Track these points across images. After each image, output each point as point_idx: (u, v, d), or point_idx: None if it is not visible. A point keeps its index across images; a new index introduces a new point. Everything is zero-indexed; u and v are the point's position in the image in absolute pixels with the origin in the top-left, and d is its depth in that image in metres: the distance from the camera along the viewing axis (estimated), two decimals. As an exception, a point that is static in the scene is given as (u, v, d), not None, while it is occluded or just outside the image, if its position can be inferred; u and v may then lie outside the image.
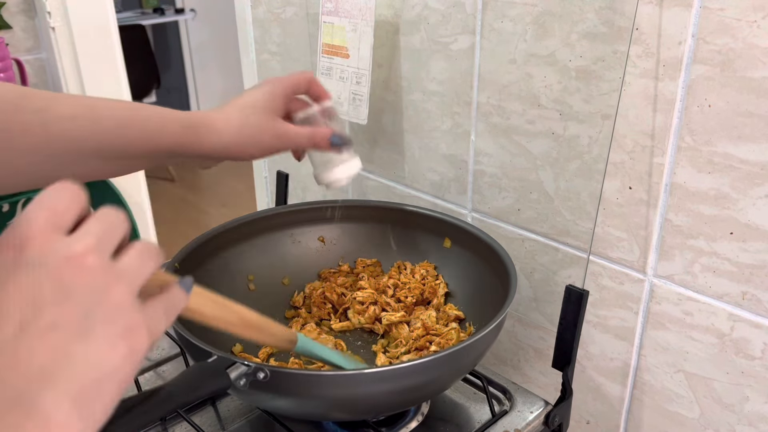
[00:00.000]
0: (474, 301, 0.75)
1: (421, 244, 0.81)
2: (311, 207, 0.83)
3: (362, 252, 0.83)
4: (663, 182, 0.64)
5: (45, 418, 0.27)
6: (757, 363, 0.62)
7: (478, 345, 0.59)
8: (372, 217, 0.83)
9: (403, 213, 0.82)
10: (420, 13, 0.81)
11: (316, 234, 0.84)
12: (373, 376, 0.55)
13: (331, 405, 0.58)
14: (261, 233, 0.81)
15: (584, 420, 0.81)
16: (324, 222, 0.84)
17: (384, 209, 0.83)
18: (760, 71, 0.55)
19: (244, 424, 0.68)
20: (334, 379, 0.55)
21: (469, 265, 0.76)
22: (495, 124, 0.77)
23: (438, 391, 0.68)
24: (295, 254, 0.83)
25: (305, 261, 0.83)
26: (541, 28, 0.68)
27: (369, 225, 0.84)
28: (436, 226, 0.79)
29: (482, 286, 0.74)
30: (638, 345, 0.72)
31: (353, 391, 0.55)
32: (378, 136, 0.93)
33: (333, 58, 0.88)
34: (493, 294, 0.68)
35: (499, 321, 0.59)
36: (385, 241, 0.83)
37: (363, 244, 0.83)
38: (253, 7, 1.08)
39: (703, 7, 0.57)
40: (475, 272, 0.75)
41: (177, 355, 0.79)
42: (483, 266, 0.73)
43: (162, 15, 4.00)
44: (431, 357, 0.54)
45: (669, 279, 0.67)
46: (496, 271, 0.70)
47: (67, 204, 0.32)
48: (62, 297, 0.29)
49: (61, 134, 0.52)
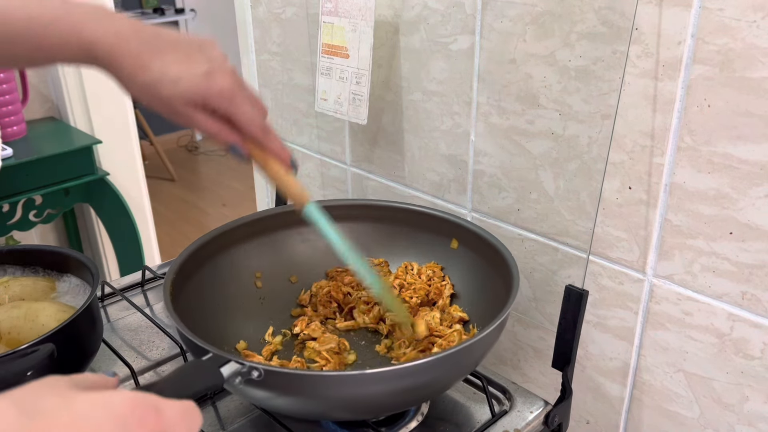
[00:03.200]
0: (477, 302, 0.75)
1: (427, 245, 0.81)
2: (322, 206, 0.83)
3: (370, 252, 0.83)
4: (663, 182, 0.64)
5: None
6: (756, 363, 0.62)
7: (479, 346, 0.59)
8: (380, 217, 0.83)
9: (411, 213, 0.82)
10: (420, 13, 0.81)
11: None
12: (371, 377, 0.54)
13: (329, 405, 0.58)
14: (270, 231, 0.81)
15: (584, 420, 0.81)
16: (333, 221, 0.84)
17: (392, 209, 0.83)
18: (759, 71, 0.55)
19: (244, 424, 0.68)
20: (329, 379, 0.55)
21: (473, 266, 0.76)
22: (495, 124, 0.77)
23: (439, 392, 0.68)
24: (303, 252, 0.83)
25: (313, 259, 0.83)
26: (541, 28, 0.68)
27: (377, 225, 0.84)
28: (444, 226, 0.79)
29: (485, 287, 0.74)
30: (638, 345, 0.72)
31: (348, 392, 0.55)
32: (378, 136, 0.93)
33: (333, 58, 0.88)
34: (496, 295, 0.68)
35: (500, 322, 0.59)
36: (392, 241, 0.83)
37: (371, 243, 0.83)
38: (253, 7, 1.08)
39: (702, 7, 0.57)
40: (478, 273, 0.75)
41: (177, 355, 0.79)
42: (486, 267, 0.74)
43: (162, 15, 4.00)
44: (431, 358, 0.54)
45: (669, 279, 0.67)
46: (499, 272, 0.70)
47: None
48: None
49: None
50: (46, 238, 2.03)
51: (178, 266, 0.68)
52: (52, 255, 0.80)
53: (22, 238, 1.91)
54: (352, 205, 0.84)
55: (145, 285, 0.96)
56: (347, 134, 0.99)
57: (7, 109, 1.65)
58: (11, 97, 1.66)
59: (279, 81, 1.09)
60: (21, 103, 1.71)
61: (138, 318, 0.86)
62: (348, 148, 1.00)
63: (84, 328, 0.69)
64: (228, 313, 0.74)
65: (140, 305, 0.88)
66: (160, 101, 0.57)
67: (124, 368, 0.74)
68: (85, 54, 0.56)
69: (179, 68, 0.56)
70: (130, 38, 0.56)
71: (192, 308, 0.67)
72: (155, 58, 0.56)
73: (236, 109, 0.59)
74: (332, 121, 1.01)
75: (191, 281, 0.71)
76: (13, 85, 1.65)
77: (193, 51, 0.58)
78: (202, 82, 0.57)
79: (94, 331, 0.72)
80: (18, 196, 1.63)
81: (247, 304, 0.77)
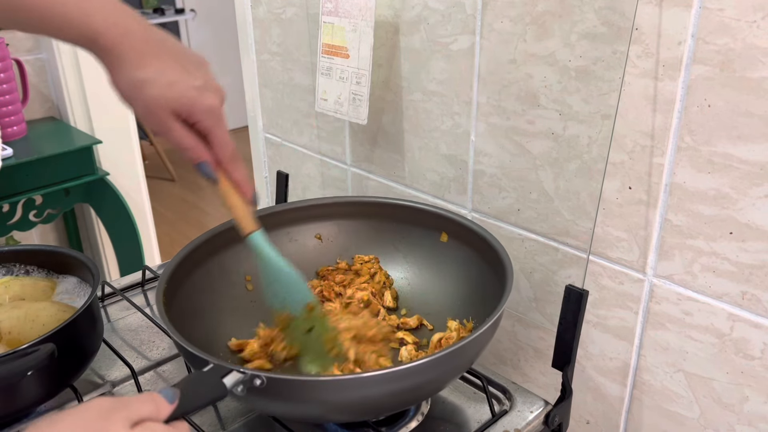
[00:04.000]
0: (473, 298, 0.75)
1: (416, 239, 0.81)
2: (307, 205, 0.83)
3: (359, 248, 0.83)
4: (663, 182, 0.64)
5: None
6: (756, 363, 0.62)
7: (475, 344, 0.59)
8: (367, 213, 0.84)
9: (397, 208, 0.82)
10: (420, 14, 0.81)
11: (313, 232, 0.84)
12: (369, 379, 0.54)
13: (330, 408, 0.58)
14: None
15: (584, 420, 0.81)
16: (320, 219, 0.84)
17: (378, 204, 0.83)
18: (759, 71, 0.55)
19: (244, 424, 0.68)
20: (331, 384, 0.55)
21: (466, 260, 0.76)
22: (495, 124, 0.77)
23: (435, 391, 0.68)
24: (292, 253, 0.82)
25: (303, 259, 0.82)
26: (541, 28, 0.69)
27: (365, 221, 0.84)
28: (434, 221, 0.79)
29: (479, 282, 0.74)
30: (638, 345, 0.72)
31: (350, 395, 0.55)
32: (378, 136, 0.93)
33: (333, 58, 0.88)
34: (490, 290, 0.69)
35: (495, 319, 0.59)
36: (381, 236, 0.83)
37: (360, 239, 0.84)
38: (253, 7, 1.08)
39: (702, 8, 0.57)
40: (472, 268, 0.75)
41: (177, 355, 0.79)
42: (480, 262, 0.73)
43: (162, 15, 4.00)
44: (429, 358, 0.54)
45: (669, 279, 0.67)
46: (492, 266, 0.70)
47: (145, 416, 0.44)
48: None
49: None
50: (46, 238, 2.03)
51: (168, 276, 0.67)
52: (52, 255, 0.80)
53: (22, 238, 1.91)
54: (342, 203, 0.84)
55: (145, 285, 0.96)
56: (347, 134, 0.99)
57: (7, 109, 1.65)
58: (11, 97, 1.65)
59: (279, 81, 1.09)
60: (21, 103, 1.71)
61: (138, 318, 0.86)
62: (348, 148, 1.00)
63: (84, 328, 0.69)
64: (220, 317, 0.74)
65: (140, 305, 0.88)
66: (143, 101, 0.57)
67: (124, 368, 0.74)
68: (88, 41, 0.56)
69: (176, 75, 0.57)
70: (137, 36, 0.56)
71: (185, 314, 0.67)
72: (156, 60, 0.57)
73: (217, 129, 0.60)
74: (332, 121, 1.01)
75: (182, 288, 0.70)
76: (13, 85, 1.65)
77: (192, 65, 0.59)
78: (194, 93, 0.58)
79: (95, 331, 0.72)
80: (18, 196, 1.63)
81: (239, 306, 0.77)
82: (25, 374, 0.60)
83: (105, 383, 0.75)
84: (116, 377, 0.76)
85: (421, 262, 0.82)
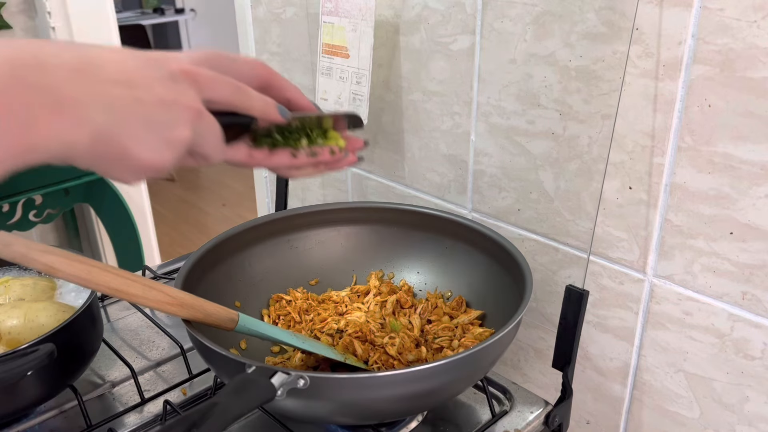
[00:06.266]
0: (486, 302, 0.75)
1: (428, 245, 0.81)
2: (309, 211, 0.82)
3: (368, 255, 0.82)
4: (663, 182, 0.64)
5: None
6: (757, 363, 0.62)
7: (494, 348, 0.58)
8: (380, 220, 0.82)
9: (413, 215, 0.81)
10: (420, 13, 0.81)
11: (314, 239, 0.82)
12: (410, 375, 0.53)
13: (379, 402, 0.56)
14: (261, 240, 0.79)
15: (584, 420, 0.81)
16: (322, 226, 0.83)
17: (393, 211, 0.82)
18: (760, 71, 0.55)
19: (244, 424, 0.68)
20: (381, 379, 0.53)
21: (479, 264, 0.76)
22: (495, 124, 0.77)
23: (454, 395, 0.67)
24: (292, 259, 0.81)
25: (302, 264, 0.82)
26: (541, 28, 0.68)
27: (376, 227, 0.82)
28: (446, 226, 0.78)
29: (495, 286, 0.73)
30: (638, 345, 0.72)
31: (401, 390, 0.54)
32: (378, 136, 0.93)
33: (333, 58, 0.88)
34: (505, 294, 0.68)
35: (515, 324, 0.58)
36: (393, 243, 0.82)
37: (370, 246, 0.82)
38: (253, 7, 1.08)
39: (703, 7, 0.57)
40: (486, 272, 0.75)
41: (177, 355, 0.79)
42: (494, 266, 0.73)
43: (162, 15, 4.00)
44: (449, 359, 0.53)
45: (669, 279, 0.67)
46: (508, 270, 0.69)
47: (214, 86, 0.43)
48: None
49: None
50: (46, 238, 2.03)
51: (184, 276, 0.66)
52: (52, 255, 0.79)
53: (22, 237, 1.91)
54: (353, 208, 0.83)
55: (145, 285, 0.95)
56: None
57: (7, 109, 1.65)
58: (11, 97, 1.65)
59: (279, 81, 1.09)
60: (21, 103, 1.71)
61: (138, 318, 0.86)
62: (348, 148, 1.00)
63: (84, 328, 0.69)
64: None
65: (140, 305, 0.88)
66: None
67: (124, 368, 0.74)
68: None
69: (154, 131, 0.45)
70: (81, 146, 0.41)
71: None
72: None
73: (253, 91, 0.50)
74: (332, 121, 1.01)
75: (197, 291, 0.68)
76: (13, 85, 1.65)
77: (157, 113, 0.43)
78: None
79: (95, 331, 0.72)
80: (18, 196, 1.63)
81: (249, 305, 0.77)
82: (25, 374, 0.60)
83: (105, 383, 0.75)
84: (116, 377, 0.76)
85: (432, 267, 0.81)
